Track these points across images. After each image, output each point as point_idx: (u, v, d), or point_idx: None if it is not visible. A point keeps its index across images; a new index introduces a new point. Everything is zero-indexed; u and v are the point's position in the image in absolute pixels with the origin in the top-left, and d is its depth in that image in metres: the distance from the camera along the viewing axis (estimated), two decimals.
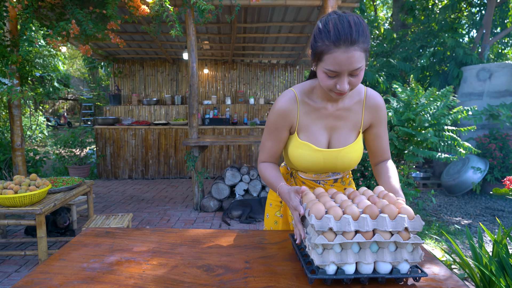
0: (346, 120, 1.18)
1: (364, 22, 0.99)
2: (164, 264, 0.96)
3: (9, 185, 2.49)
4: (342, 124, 1.18)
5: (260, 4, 4.24)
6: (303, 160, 1.20)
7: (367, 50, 0.99)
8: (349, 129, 1.19)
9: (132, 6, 3.63)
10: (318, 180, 1.30)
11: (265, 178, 1.24)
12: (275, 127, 1.20)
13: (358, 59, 0.96)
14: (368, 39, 0.98)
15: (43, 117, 10.97)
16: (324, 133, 1.19)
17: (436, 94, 3.76)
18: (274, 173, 1.21)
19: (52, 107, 19.53)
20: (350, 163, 1.21)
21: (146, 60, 7.63)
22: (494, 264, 1.86)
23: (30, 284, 0.86)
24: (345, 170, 1.26)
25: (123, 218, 2.98)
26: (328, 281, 0.85)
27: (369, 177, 3.95)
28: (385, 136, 1.23)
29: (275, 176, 1.20)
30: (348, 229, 0.83)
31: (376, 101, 1.18)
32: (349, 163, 1.21)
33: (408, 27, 9.12)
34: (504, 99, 5.45)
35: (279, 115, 1.18)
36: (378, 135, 1.22)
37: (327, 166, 1.21)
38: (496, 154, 5.07)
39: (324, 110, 1.17)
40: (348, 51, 0.95)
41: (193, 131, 4.48)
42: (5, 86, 3.50)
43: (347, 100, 1.17)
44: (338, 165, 1.21)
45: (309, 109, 1.18)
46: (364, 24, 0.98)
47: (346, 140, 1.19)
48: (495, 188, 2.50)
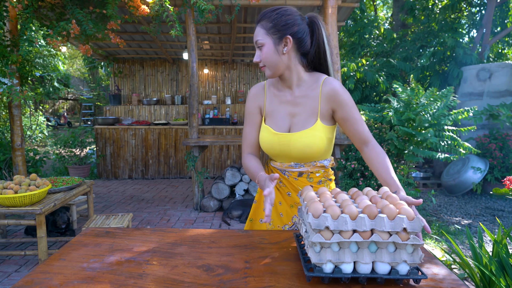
0: (304, 107, 1.25)
1: (286, 13, 1.16)
2: (164, 264, 0.97)
3: (9, 185, 2.49)
4: (300, 110, 1.25)
5: (260, 4, 4.24)
6: (263, 143, 1.29)
7: (270, 30, 1.16)
8: (306, 115, 1.24)
9: (132, 6, 3.63)
10: (283, 170, 1.32)
11: (247, 170, 1.28)
12: (249, 112, 1.33)
13: (258, 34, 1.17)
14: (275, 23, 1.15)
15: (43, 117, 10.98)
16: (286, 119, 1.27)
17: (436, 94, 3.76)
18: (255, 163, 1.26)
19: (52, 107, 19.53)
20: (304, 151, 1.23)
21: (146, 60, 7.63)
22: (494, 264, 1.86)
23: (30, 284, 0.86)
24: (302, 159, 1.27)
25: (123, 218, 2.98)
26: (326, 279, 0.85)
27: (369, 177, 3.95)
28: (354, 118, 1.23)
29: (256, 166, 1.25)
30: (345, 228, 0.84)
31: (331, 86, 1.21)
32: (303, 150, 1.23)
33: (408, 27, 9.12)
34: (504, 99, 5.45)
35: (250, 99, 1.33)
36: (346, 119, 1.23)
37: (282, 151, 1.27)
38: (496, 154, 5.07)
39: (283, 96, 1.28)
40: (256, 27, 1.19)
41: (193, 131, 4.49)
42: (5, 86, 3.50)
43: (304, 88, 1.25)
44: (292, 151, 1.24)
45: (273, 95, 1.30)
46: (280, 13, 1.16)
47: (302, 126, 1.24)
48: (495, 188, 2.50)
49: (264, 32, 1.17)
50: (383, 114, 4.01)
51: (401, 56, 7.40)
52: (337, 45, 4.29)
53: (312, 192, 1.01)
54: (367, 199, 0.96)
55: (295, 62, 1.23)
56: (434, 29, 7.64)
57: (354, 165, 3.99)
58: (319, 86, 1.23)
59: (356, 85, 7.17)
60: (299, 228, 1.04)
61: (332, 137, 1.28)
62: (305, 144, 1.22)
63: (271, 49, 1.17)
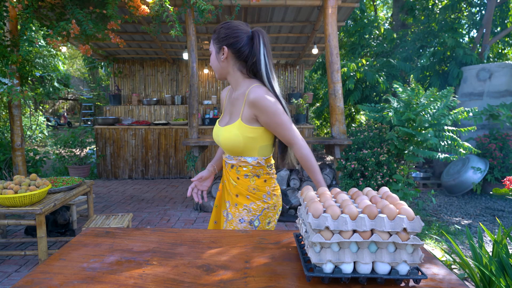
0: (235, 107, 1.43)
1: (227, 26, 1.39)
2: (164, 264, 0.97)
3: (9, 185, 2.49)
4: (233, 109, 1.45)
5: (260, 4, 4.24)
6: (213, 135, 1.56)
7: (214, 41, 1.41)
8: (235, 114, 1.43)
9: (132, 6, 3.63)
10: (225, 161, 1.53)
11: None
12: (223, 109, 1.59)
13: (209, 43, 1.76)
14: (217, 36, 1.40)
15: (43, 117, 10.98)
16: (226, 115, 1.51)
17: (436, 94, 3.76)
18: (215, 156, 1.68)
19: (52, 107, 19.54)
20: (225, 143, 1.42)
21: (146, 60, 7.63)
22: (494, 264, 1.86)
23: (30, 284, 0.86)
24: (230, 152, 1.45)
25: (123, 218, 2.98)
26: (326, 279, 0.86)
27: (369, 177, 3.95)
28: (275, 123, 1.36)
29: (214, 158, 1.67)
30: (345, 229, 0.84)
31: (254, 95, 1.34)
32: (225, 142, 1.43)
33: (408, 27, 9.12)
34: (504, 99, 5.45)
35: (221, 98, 1.64)
36: (267, 123, 1.38)
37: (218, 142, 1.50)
38: (496, 154, 5.07)
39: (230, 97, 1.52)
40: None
41: (193, 131, 4.49)
42: (5, 86, 3.50)
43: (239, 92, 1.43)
44: (221, 142, 1.45)
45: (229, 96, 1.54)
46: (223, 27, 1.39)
47: (228, 123, 1.45)
48: (495, 188, 2.50)
49: (212, 42, 1.43)
50: (383, 114, 4.01)
51: (401, 56, 7.40)
52: (337, 45, 4.29)
53: (312, 192, 1.01)
54: (367, 199, 0.96)
55: (234, 68, 1.42)
56: (434, 29, 7.64)
57: (354, 165, 3.99)
58: (245, 93, 1.38)
59: (356, 85, 7.17)
60: (299, 228, 1.04)
61: (254, 137, 1.39)
62: (225, 137, 1.41)
63: (214, 57, 1.43)
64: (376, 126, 4.46)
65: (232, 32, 1.37)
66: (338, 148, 4.33)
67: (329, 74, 4.36)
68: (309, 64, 8.36)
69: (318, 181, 1.37)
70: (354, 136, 4.45)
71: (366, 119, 4.02)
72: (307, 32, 5.98)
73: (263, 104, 1.33)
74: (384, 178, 3.89)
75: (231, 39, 1.37)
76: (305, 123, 6.91)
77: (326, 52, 4.33)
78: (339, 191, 1.04)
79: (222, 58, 1.40)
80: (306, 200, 0.97)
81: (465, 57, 6.12)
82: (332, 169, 4.58)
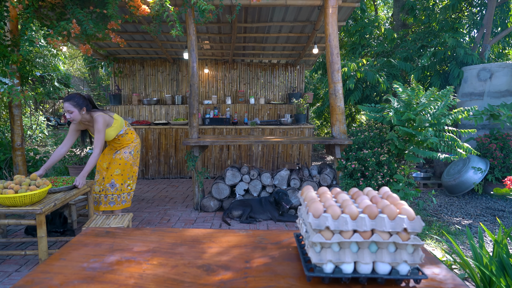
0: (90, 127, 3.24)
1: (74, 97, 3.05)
2: (164, 264, 0.97)
3: (10, 185, 2.49)
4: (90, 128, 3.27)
5: (261, 4, 4.24)
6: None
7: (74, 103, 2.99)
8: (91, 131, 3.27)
9: (132, 6, 3.63)
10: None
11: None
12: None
13: (69, 107, 2.97)
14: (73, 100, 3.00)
15: (43, 117, 10.99)
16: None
17: (436, 94, 3.75)
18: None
19: (52, 106, 19.55)
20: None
21: (146, 59, 7.63)
22: (495, 264, 1.86)
23: (30, 284, 0.86)
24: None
25: (123, 218, 2.98)
26: (326, 279, 0.85)
27: (370, 177, 3.94)
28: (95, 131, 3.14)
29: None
30: (346, 229, 0.84)
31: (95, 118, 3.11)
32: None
33: (408, 27, 9.11)
34: (504, 99, 5.45)
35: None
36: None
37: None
38: (497, 154, 5.07)
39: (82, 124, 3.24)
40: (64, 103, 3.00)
41: (193, 131, 4.49)
42: (6, 86, 3.50)
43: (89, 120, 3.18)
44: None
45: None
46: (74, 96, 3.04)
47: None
48: (496, 188, 2.50)
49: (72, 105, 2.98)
50: (383, 114, 4.01)
51: (401, 56, 7.39)
52: (337, 45, 4.29)
53: (312, 192, 1.01)
54: (367, 199, 0.96)
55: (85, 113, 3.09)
56: (434, 29, 7.63)
57: (355, 165, 3.99)
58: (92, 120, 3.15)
59: (357, 85, 7.17)
60: (300, 228, 1.03)
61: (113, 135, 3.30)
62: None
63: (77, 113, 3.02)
64: (376, 126, 4.45)
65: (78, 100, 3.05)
66: (338, 148, 4.32)
67: (329, 74, 4.36)
68: (310, 64, 8.36)
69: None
70: (354, 136, 4.45)
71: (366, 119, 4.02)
72: (307, 32, 5.98)
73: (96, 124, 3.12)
74: (385, 178, 3.88)
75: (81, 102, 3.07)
76: (305, 123, 6.91)
77: (327, 52, 4.33)
78: (340, 191, 1.04)
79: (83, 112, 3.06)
80: (306, 200, 0.97)
81: (466, 57, 6.12)
82: (333, 169, 4.58)
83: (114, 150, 3.41)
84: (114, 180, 3.33)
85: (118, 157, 3.36)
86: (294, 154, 6.74)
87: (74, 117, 2.97)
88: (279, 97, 7.96)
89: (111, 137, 3.28)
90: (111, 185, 3.33)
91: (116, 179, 3.34)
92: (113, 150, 3.42)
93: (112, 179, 3.33)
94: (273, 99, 7.94)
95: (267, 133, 6.59)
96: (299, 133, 6.65)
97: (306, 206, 0.94)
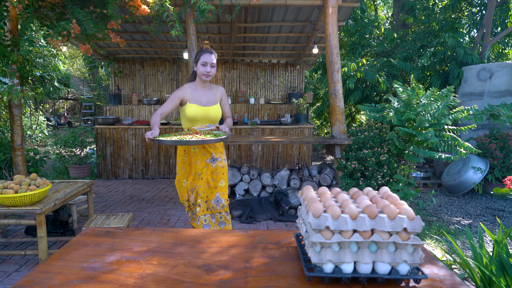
0: (210, 96, 2.70)
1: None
2: (164, 264, 0.97)
3: (10, 185, 2.49)
4: (209, 97, 2.69)
5: (261, 3, 4.24)
6: (193, 113, 2.60)
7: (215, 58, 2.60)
8: (212, 100, 2.69)
9: (132, 5, 3.63)
10: (201, 129, 2.56)
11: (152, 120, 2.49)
12: (174, 97, 2.60)
13: (214, 60, 2.58)
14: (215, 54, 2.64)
15: (43, 117, 10.99)
16: (202, 101, 2.65)
17: (436, 94, 3.75)
18: (158, 120, 2.48)
19: (52, 106, 19.54)
20: (215, 116, 2.67)
21: (146, 59, 7.63)
22: (495, 264, 1.86)
23: (30, 284, 0.86)
24: (212, 121, 2.68)
25: (123, 218, 2.98)
26: (326, 279, 0.85)
27: (369, 177, 3.94)
28: (225, 107, 2.81)
29: (157, 121, 2.47)
30: (346, 228, 0.84)
31: (221, 89, 2.77)
32: (215, 116, 2.67)
33: (408, 26, 9.11)
34: (504, 99, 5.45)
35: (177, 92, 2.63)
36: (222, 105, 2.78)
37: (205, 117, 2.63)
38: (497, 154, 5.07)
39: (199, 91, 2.67)
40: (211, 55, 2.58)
41: None
42: (6, 86, 3.50)
43: (208, 88, 2.71)
44: (211, 116, 2.65)
45: (193, 90, 2.66)
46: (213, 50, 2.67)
47: (212, 104, 2.68)
48: (496, 188, 2.50)
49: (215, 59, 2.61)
50: (383, 114, 4.01)
51: (401, 56, 7.39)
52: (337, 45, 4.29)
53: (312, 192, 1.01)
54: (367, 199, 0.96)
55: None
56: (434, 29, 7.63)
57: (355, 165, 3.99)
58: (215, 88, 2.76)
59: (357, 85, 7.17)
60: (300, 228, 1.04)
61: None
62: (215, 113, 2.67)
63: (215, 69, 2.63)
64: (376, 126, 4.45)
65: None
66: (338, 148, 4.32)
67: (329, 73, 4.36)
68: (310, 63, 8.36)
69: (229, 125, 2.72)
70: (354, 136, 4.45)
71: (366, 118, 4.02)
72: (307, 32, 5.98)
73: (224, 93, 2.80)
74: (385, 178, 3.88)
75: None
76: (305, 123, 6.91)
77: (327, 52, 4.33)
78: (340, 191, 1.04)
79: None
80: (306, 200, 0.97)
81: (466, 57, 6.12)
82: (333, 169, 4.58)
83: (209, 156, 2.67)
84: (219, 194, 2.71)
85: (220, 165, 2.70)
86: (294, 154, 6.73)
87: (214, 73, 2.59)
88: (279, 97, 7.96)
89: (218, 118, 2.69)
90: (217, 201, 2.71)
91: (222, 192, 2.71)
92: (206, 156, 2.67)
93: (217, 193, 2.71)
94: (273, 99, 7.94)
95: (267, 133, 6.59)
96: (299, 133, 6.65)
97: (306, 206, 0.94)
